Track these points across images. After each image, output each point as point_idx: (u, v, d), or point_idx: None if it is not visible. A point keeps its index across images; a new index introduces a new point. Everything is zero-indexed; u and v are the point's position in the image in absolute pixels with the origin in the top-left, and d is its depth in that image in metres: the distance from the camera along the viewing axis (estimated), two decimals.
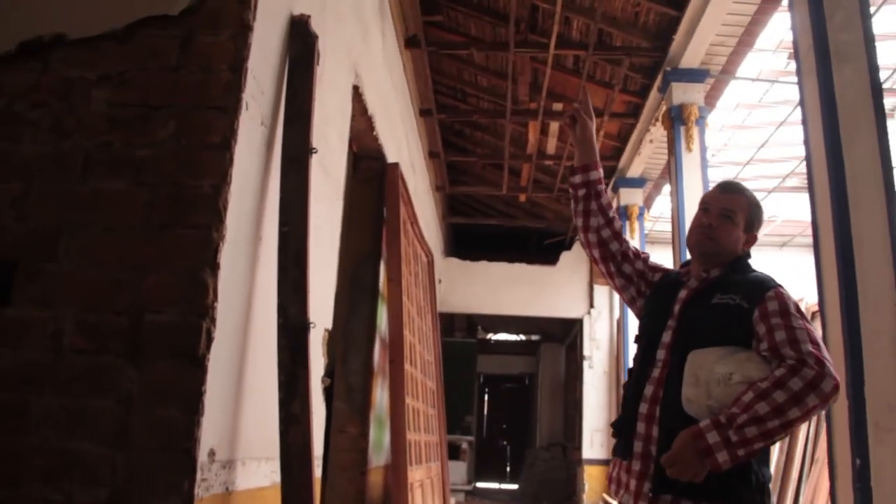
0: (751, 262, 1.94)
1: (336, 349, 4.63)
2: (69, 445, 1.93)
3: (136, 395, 1.94)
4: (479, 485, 14.40)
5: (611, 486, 1.95)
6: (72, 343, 2.00)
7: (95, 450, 1.92)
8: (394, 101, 5.64)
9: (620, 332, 9.88)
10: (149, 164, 2.12)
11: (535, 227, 11.95)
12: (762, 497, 1.71)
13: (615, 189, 9.42)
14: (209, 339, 1.99)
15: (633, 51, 6.52)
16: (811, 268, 3.49)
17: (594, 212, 2.13)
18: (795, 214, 9.98)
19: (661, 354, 1.85)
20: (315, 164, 2.66)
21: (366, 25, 4.26)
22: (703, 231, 1.92)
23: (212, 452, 2.02)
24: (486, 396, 17.13)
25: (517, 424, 16.63)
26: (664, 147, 7.38)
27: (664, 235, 10.51)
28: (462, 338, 13.82)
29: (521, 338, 17.31)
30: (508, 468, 16.49)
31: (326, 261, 3.37)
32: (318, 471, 3.10)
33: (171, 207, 2.08)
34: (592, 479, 10.32)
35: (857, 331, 3.08)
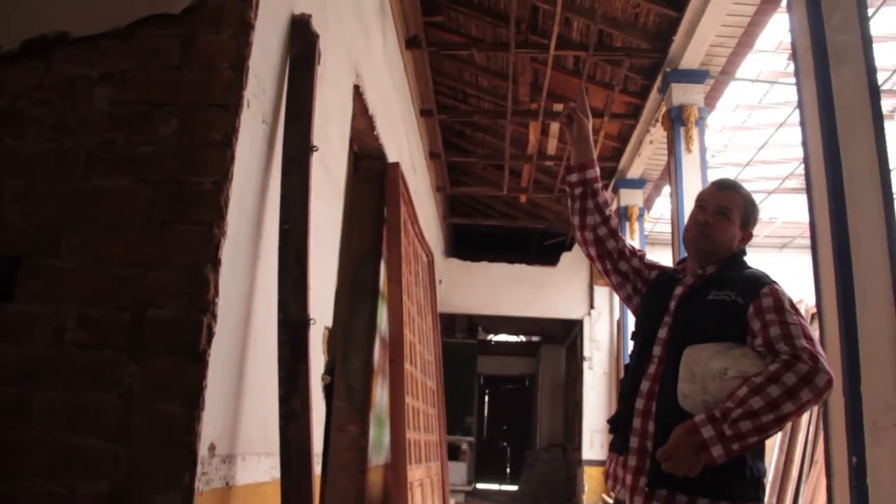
0: (746, 259, 1.96)
1: (336, 348, 4.64)
2: (71, 439, 1.95)
3: (138, 390, 1.96)
4: (479, 486, 14.40)
5: (607, 482, 1.96)
6: (74, 338, 2.02)
7: (97, 444, 1.94)
8: (394, 101, 5.65)
9: (620, 333, 9.89)
10: (151, 162, 2.14)
11: (536, 228, 11.96)
12: (756, 491, 1.73)
13: (615, 190, 9.42)
14: (210, 335, 2.01)
15: (633, 52, 6.53)
16: (811, 269, 3.50)
17: (590, 210, 2.15)
18: (795, 216, 9.98)
19: (658, 350, 1.87)
20: (316, 163, 2.68)
21: (366, 25, 4.27)
22: (700, 228, 1.94)
23: (212, 447, 2.04)
24: (487, 397, 17.14)
25: (517, 425, 16.64)
26: (664, 148, 7.39)
27: (664, 237, 10.51)
28: (462, 338, 13.84)
29: (522, 339, 17.31)
30: (508, 469, 16.50)
31: (327, 259, 3.38)
32: (318, 468, 3.12)
33: (173, 204, 2.10)
34: (592, 480, 10.34)
35: (854, 330, 3.10)
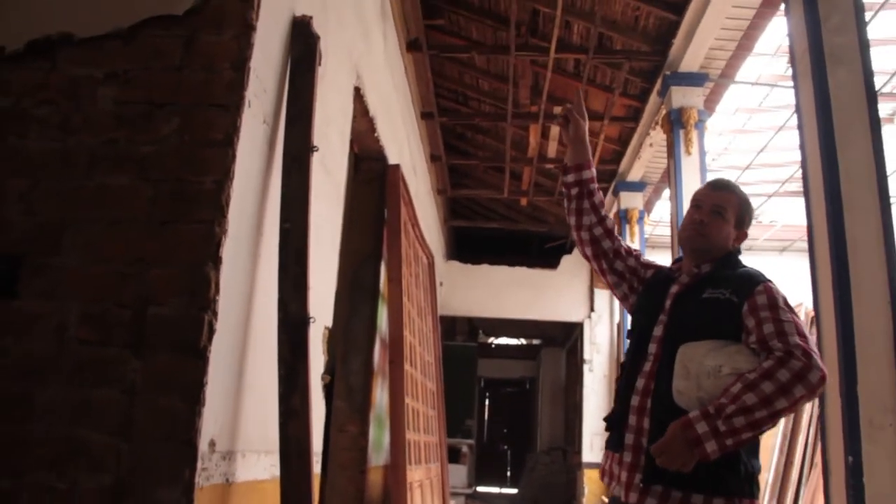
0: (741, 258, 1.98)
1: (336, 349, 4.66)
2: (74, 434, 1.97)
3: (140, 386, 1.99)
4: (480, 489, 14.40)
5: (603, 479, 1.99)
6: (76, 335, 2.04)
7: (100, 439, 1.96)
8: (395, 103, 5.68)
9: (620, 336, 9.89)
10: (153, 161, 2.16)
11: (536, 231, 11.96)
12: (750, 487, 1.75)
13: (615, 193, 9.43)
14: (211, 332, 2.03)
15: (633, 55, 6.55)
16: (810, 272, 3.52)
17: (586, 210, 2.17)
18: (795, 219, 9.99)
19: (653, 348, 1.89)
20: (316, 163, 2.70)
21: (367, 28, 4.30)
22: (695, 227, 1.96)
23: (212, 443, 2.06)
24: (487, 400, 17.16)
25: (518, 428, 16.65)
26: (664, 151, 7.40)
27: (664, 240, 10.52)
28: (463, 341, 13.84)
29: (522, 342, 17.32)
30: (509, 472, 16.50)
31: (327, 259, 3.41)
32: (318, 467, 3.14)
33: (175, 203, 2.12)
34: (592, 483, 10.32)
35: (851, 331, 3.12)
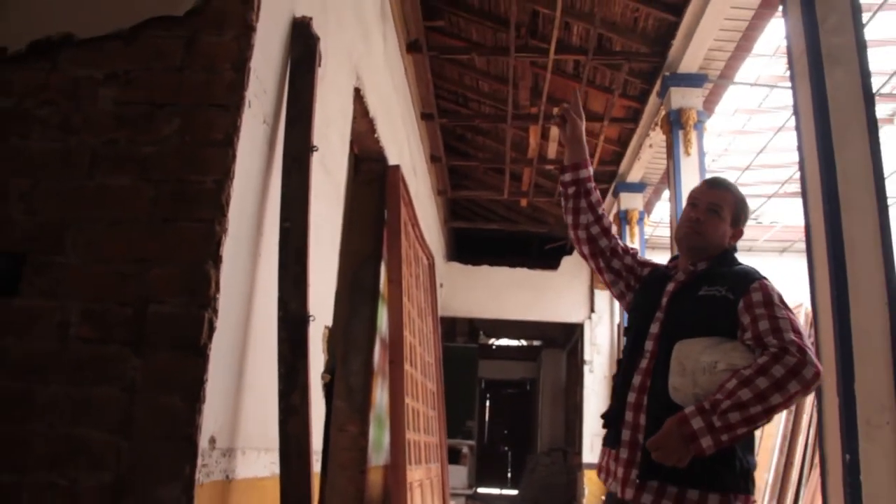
0: (736, 256, 2.00)
1: (337, 350, 4.68)
2: (75, 432, 1.99)
3: (140, 384, 2.00)
4: (480, 490, 14.40)
5: (600, 475, 2.00)
6: (78, 333, 2.06)
7: (100, 436, 1.97)
8: (395, 104, 5.69)
9: (621, 337, 9.90)
10: (153, 161, 2.18)
11: (537, 232, 11.98)
12: (746, 483, 1.76)
13: (615, 194, 9.45)
14: (211, 330, 2.05)
15: (633, 56, 6.57)
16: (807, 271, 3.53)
17: (583, 209, 2.19)
18: (795, 220, 10.00)
19: (649, 345, 1.91)
20: (316, 164, 2.72)
21: (367, 29, 4.32)
22: (691, 225, 1.98)
23: (212, 440, 2.08)
24: (488, 402, 17.16)
25: (518, 429, 16.65)
26: (664, 152, 7.41)
27: (664, 241, 10.53)
28: (463, 342, 13.86)
29: (523, 343, 17.32)
30: (509, 473, 16.50)
31: (327, 258, 3.42)
32: (318, 465, 3.15)
33: (175, 202, 2.14)
34: (592, 484, 10.32)
35: (848, 330, 3.13)
